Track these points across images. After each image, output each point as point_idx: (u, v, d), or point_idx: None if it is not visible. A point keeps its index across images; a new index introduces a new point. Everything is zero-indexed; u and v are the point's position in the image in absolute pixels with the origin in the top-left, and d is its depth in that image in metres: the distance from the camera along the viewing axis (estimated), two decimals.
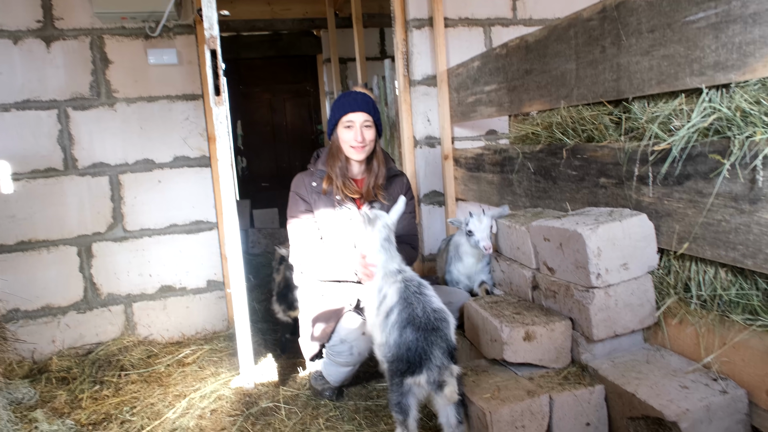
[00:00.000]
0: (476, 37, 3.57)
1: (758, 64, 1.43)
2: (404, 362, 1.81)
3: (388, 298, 1.96)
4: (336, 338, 2.35)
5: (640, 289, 1.87)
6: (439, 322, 1.84)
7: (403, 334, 1.82)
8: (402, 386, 1.82)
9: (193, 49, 3.33)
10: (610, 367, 1.84)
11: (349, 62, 6.57)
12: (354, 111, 2.37)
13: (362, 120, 2.38)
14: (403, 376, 1.81)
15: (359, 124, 2.38)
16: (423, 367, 1.77)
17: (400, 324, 1.85)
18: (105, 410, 2.56)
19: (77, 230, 3.28)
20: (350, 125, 2.39)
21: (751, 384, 1.57)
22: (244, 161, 7.48)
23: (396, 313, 1.89)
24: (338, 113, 2.41)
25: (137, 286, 3.39)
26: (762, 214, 1.45)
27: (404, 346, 1.81)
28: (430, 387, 1.78)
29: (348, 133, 2.39)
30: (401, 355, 1.81)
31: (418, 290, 1.93)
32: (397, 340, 1.83)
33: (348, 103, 2.39)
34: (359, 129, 2.38)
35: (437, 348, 1.78)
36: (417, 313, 1.84)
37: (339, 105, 2.42)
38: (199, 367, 2.99)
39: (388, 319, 1.91)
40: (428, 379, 1.77)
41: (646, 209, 1.87)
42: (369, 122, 2.41)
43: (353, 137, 2.38)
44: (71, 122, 3.21)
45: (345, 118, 2.39)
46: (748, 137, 1.45)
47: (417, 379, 1.78)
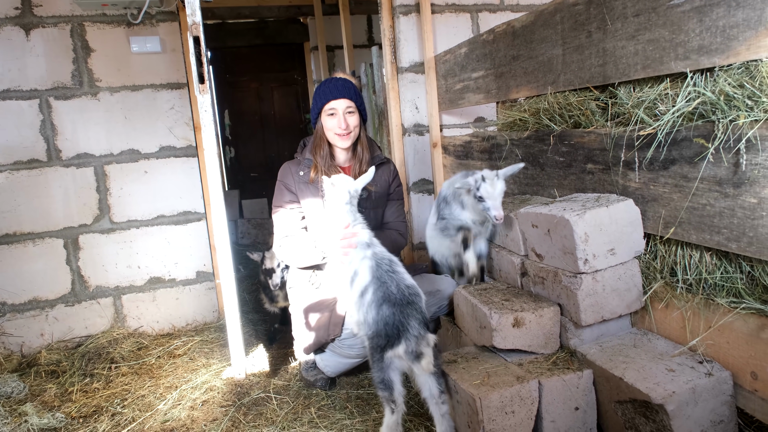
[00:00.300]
0: (463, 24, 3.55)
1: (741, 47, 1.43)
2: (383, 337, 1.89)
3: (361, 275, 2.00)
4: (347, 331, 2.34)
5: (627, 274, 1.88)
6: (413, 296, 1.93)
7: (380, 311, 1.90)
8: (383, 361, 1.90)
9: (176, 37, 3.28)
10: (598, 351, 1.86)
11: (336, 50, 6.51)
12: (336, 98, 2.36)
13: (345, 107, 2.37)
14: (383, 350, 1.89)
15: (342, 111, 2.37)
16: (401, 338, 1.86)
17: (377, 302, 1.92)
18: (95, 403, 2.55)
19: (63, 222, 3.24)
20: (333, 113, 2.37)
21: (735, 366, 1.59)
22: (232, 151, 7.41)
23: (371, 292, 1.95)
24: (320, 101, 2.39)
25: (126, 278, 3.37)
26: (745, 197, 1.46)
27: (382, 322, 1.89)
28: (409, 357, 1.87)
29: (331, 120, 2.38)
30: (380, 330, 1.90)
31: (390, 268, 1.99)
32: (375, 317, 1.91)
33: (329, 90, 2.37)
34: (342, 116, 2.37)
35: (413, 319, 1.88)
36: (392, 290, 1.92)
37: (321, 93, 2.40)
38: (189, 359, 2.98)
39: (363, 298, 1.97)
40: (407, 349, 1.86)
41: (633, 194, 1.87)
42: (352, 108, 2.39)
43: (337, 124, 2.37)
44: (54, 112, 3.16)
45: (327, 106, 2.38)
46: (732, 121, 1.45)
47: (396, 350, 1.87)
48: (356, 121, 2.42)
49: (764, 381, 1.51)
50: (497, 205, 2.10)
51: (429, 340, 1.89)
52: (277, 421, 2.25)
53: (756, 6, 1.37)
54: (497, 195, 2.11)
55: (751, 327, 1.52)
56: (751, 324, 1.52)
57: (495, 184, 2.11)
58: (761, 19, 1.37)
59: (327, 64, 6.38)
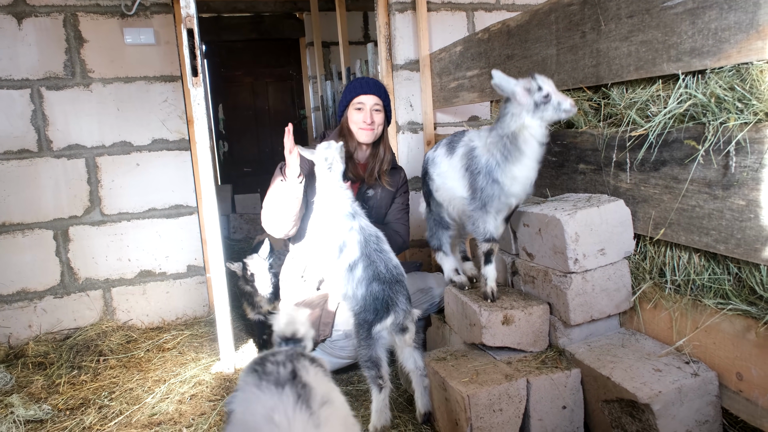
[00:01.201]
0: (459, 22, 3.55)
1: (733, 50, 1.44)
2: (371, 312, 2.00)
3: (349, 248, 2.07)
4: (339, 333, 2.35)
5: (616, 274, 1.89)
6: (400, 276, 2.06)
7: (370, 288, 2.01)
8: (370, 337, 2.00)
9: (171, 29, 3.26)
10: (587, 350, 1.87)
11: (332, 46, 6.49)
12: (365, 93, 2.43)
13: (372, 103, 2.44)
14: (371, 325, 1.99)
15: (369, 107, 2.43)
16: (390, 311, 1.99)
17: (367, 280, 2.02)
18: (83, 395, 2.54)
19: (53, 213, 3.21)
20: (361, 107, 2.43)
21: (721, 366, 1.60)
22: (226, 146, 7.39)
23: (361, 269, 2.04)
24: (349, 95, 2.46)
25: (116, 270, 3.35)
26: (734, 200, 1.47)
27: (371, 297, 2.01)
28: (395, 329, 1.99)
29: (358, 114, 2.44)
30: (368, 305, 2.01)
31: (377, 246, 2.08)
32: (365, 293, 2.02)
33: (360, 86, 2.45)
34: (369, 111, 2.43)
35: (401, 295, 2.01)
36: (381, 269, 2.03)
37: (351, 88, 2.48)
38: (179, 353, 2.97)
39: (353, 273, 2.05)
40: (394, 321, 1.99)
41: (624, 195, 1.88)
42: (379, 106, 2.46)
43: (362, 118, 2.42)
44: (45, 102, 3.13)
45: (356, 100, 2.44)
46: (722, 123, 1.46)
47: (385, 323, 1.99)
48: (381, 119, 2.48)
49: (749, 382, 1.52)
50: (563, 96, 1.77)
51: (414, 315, 2.04)
52: None
53: (747, 9, 1.38)
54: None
55: (738, 328, 1.53)
56: (738, 325, 1.53)
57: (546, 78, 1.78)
58: (752, 23, 1.38)
59: (322, 60, 6.36)
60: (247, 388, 1.21)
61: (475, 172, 1.91)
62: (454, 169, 2.02)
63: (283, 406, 1.11)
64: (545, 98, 1.72)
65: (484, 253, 2.00)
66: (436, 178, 2.15)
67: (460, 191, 2.01)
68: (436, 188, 2.17)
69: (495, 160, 1.85)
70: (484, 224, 1.94)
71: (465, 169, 1.96)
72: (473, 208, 1.95)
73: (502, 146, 1.83)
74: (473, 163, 1.92)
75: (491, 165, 1.86)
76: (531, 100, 1.74)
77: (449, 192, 2.08)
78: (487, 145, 1.88)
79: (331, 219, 2.13)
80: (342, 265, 2.08)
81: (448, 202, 2.14)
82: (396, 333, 2.00)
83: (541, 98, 1.72)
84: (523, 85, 1.75)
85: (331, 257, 2.12)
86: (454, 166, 2.02)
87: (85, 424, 2.28)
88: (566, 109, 1.72)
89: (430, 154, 2.21)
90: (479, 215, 1.94)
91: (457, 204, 2.08)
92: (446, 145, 2.10)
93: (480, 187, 1.89)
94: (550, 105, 1.72)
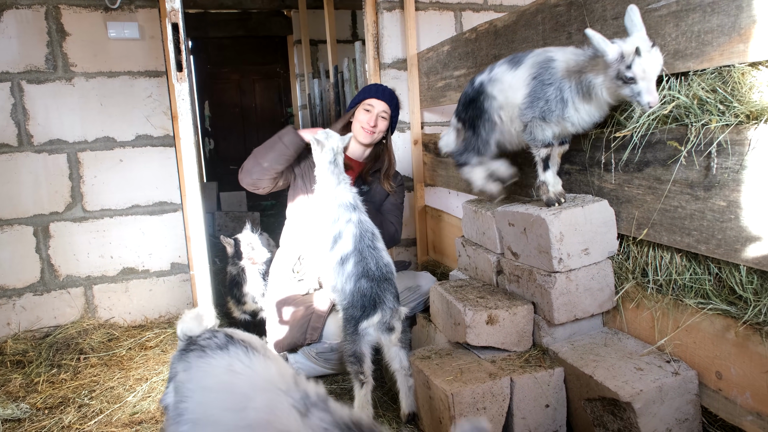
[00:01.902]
0: (447, 22, 3.56)
1: (715, 53, 1.46)
2: (359, 308, 2.03)
3: (344, 240, 2.09)
4: (326, 346, 2.35)
5: (600, 273, 1.91)
6: (389, 274, 2.10)
7: (358, 284, 2.05)
8: (356, 333, 2.03)
9: (156, 24, 3.22)
10: (570, 350, 1.88)
11: (320, 44, 6.47)
12: (378, 98, 2.51)
13: (381, 109, 2.51)
14: (358, 321, 2.03)
15: (377, 112, 2.51)
16: (377, 309, 2.03)
17: (356, 276, 2.06)
18: (62, 394, 2.49)
19: (33, 209, 3.15)
20: (369, 109, 2.51)
21: (701, 365, 1.62)
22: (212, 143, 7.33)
23: (352, 264, 2.07)
24: (363, 95, 2.55)
25: (98, 267, 3.30)
26: (715, 200, 1.49)
27: (359, 294, 2.05)
28: (381, 328, 2.04)
29: (365, 115, 2.51)
30: (355, 302, 2.04)
31: (371, 243, 2.11)
32: (353, 289, 2.06)
33: (375, 91, 2.54)
34: (375, 116, 2.51)
35: (389, 293, 2.06)
36: (371, 267, 2.07)
37: (367, 89, 2.56)
38: (161, 351, 2.94)
39: (344, 267, 2.08)
40: (381, 320, 2.03)
41: (608, 195, 1.90)
42: (386, 114, 2.54)
43: (367, 120, 2.49)
44: (26, 96, 3.07)
45: (367, 101, 2.52)
46: (704, 125, 1.48)
47: (372, 319, 2.02)
48: (384, 127, 2.56)
49: (728, 380, 1.54)
50: (653, 88, 1.51)
51: (401, 313, 2.07)
52: None
53: (730, 12, 1.40)
54: (653, 71, 1.51)
55: (717, 327, 1.55)
56: (717, 325, 1.55)
57: (653, 54, 1.51)
58: (734, 26, 1.40)
59: (310, 59, 6.34)
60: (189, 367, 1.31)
61: (546, 82, 1.77)
62: (519, 79, 1.86)
63: (237, 358, 1.26)
64: (629, 79, 1.52)
65: (542, 159, 1.90)
66: (498, 95, 1.96)
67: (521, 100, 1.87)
68: (498, 106, 1.98)
69: (569, 84, 1.73)
70: (543, 132, 1.83)
71: (533, 77, 1.81)
72: (532, 117, 1.82)
73: (577, 80, 1.70)
74: (546, 72, 1.77)
75: (564, 85, 1.73)
76: (615, 68, 1.55)
77: (514, 107, 1.92)
78: (568, 65, 1.73)
79: (330, 208, 2.15)
80: (334, 257, 2.11)
81: (510, 121, 1.97)
82: (382, 332, 2.03)
83: (624, 75, 1.53)
84: (620, 50, 1.52)
85: (325, 248, 2.14)
86: (519, 76, 1.86)
87: (64, 423, 2.24)
88: (641, 103, 1.53)
89: (483, 77, 2.01)
90: (537, 123, 1.82)
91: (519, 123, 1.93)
92: (507, 61, 1.94)
93: (546, 97, 1.77)
94: (629, 87, 1.54)
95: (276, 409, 1.15)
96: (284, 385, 1.21)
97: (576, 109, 1.74)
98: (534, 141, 1.88)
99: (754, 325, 1.45)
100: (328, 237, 2.13)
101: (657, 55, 1.50)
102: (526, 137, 1.91)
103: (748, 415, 1.48)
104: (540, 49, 1.84)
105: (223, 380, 1.25)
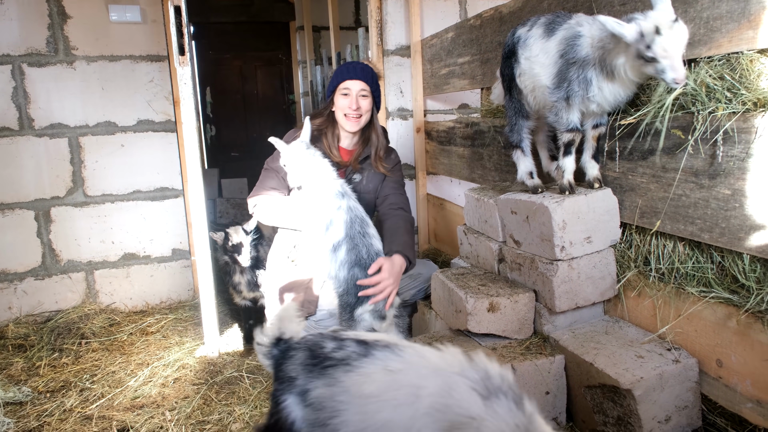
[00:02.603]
0: (451, 8, 3.52)
1: (724, 39, 1.44)
2: (353, 296, 2.08)
3: (335, 227, 2.13)
4: (323, 313, 2.36)
5: (602, 262, 1.90)
6: None
7: (351, 271, 2.09)
8: (353, 319, 2.09)
9: (158, 8, 3.19)
10: (571, 337, 1.88)
11: (323, 31, 6.42)
12: (352, 78, 2.36)
13: (359, 88, 2.37)
14: (354, 308, 2.08)
15: (355, 93, 2.37)
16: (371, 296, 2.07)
17: (349, 264, 2.10)
18: (64, 378, 2.51)
19: (34, 194, 3.15)
20: (347, 92, 2.37)
21: (702, 353, 1.63)
22: (213, 129, 7.30)
23: (344, 252, 2.11)
24: (336, 80, 2.41)
25: (99, 253, 3.30)
26: (720, 189, 1.48)
27: (352, 281, 2.09)
28: (373, 316, 2.10)
29: (344, 100, 2.38)
30: (350, 289, 2.09)
31: (362, 230, 2.14)
32: (346, 276, 2.10)
33: (347, 70, 2.39)
34: (355, 97, 2.37)
35: None
36: (362, 255, 2.11)
37: (338, 73, 2.42)
38: (163, 336, 2.95)
39: (336, 254, 2.12)
40: (375, 308, 2.09)
41: (611, 184, 1.89)
42: (366, 91, 2.39)
43: (348, 104, 2.36)
44: (27, 79, 3.06)
45: (342, 85, 2.38)
46: (711, 113, 1.47)
47: (366, 306, 2.08)
48: (368, 105, 2.41)
49: (729, 368, 1.54)
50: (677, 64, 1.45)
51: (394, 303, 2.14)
52: (249, 400, 2.24)
53: None
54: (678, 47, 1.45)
55: (719, 316, 1.55)
56: (719, 313, 1.55)
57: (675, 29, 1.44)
58: (744, 12, 1.38)
59: (312, 45, 6.29)
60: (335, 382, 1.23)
61: (570, 61, 1.70)
62: (547, 53, 1.79)
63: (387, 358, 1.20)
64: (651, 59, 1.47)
65: (564, 144, 1.86)
66: (523, 62, 1.90)
67: (545, 80, 1.81)
68: (520, 72, 1.94)
69: (593, 60, 1.66)
70: (568, 115, 1.79)
71: (560, 55, 1.74)
72: (557, 99, 1.78)
73: (601, 57, 1.63)
74: (572, 50, 1.70)
75: (588, 63, 1.67)
76: (635, 48, 1.50)
77: (534, 79, 1.87)
78: (593, 40, 1.65)
79: (320, 197, 2.15)
80: (327, 244, 2.13)
81: (530, 90, 1.94)
82: (374, 319, 2.10)
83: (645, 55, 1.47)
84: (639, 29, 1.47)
85: (318, 236, 2.16)
86: (548, 51, 1.79)
87: (66, 406, 2.26)
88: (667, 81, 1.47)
89: (521, 32, 1.91)
90: (562, 106, 1.78)
91: (539, 94, 1.90)
92: (545, 25, 1.83)
93: (570, 78, 1.72)
94: (652, 66, 1.48)
95: (453, 391, 1.06)
96: (457, 366, 1.12)
97: (600, 88, 1.68)
98: (559, 123, 1.84)
99: (756, 314, 1.45)
100: (320, 225, 2.15)
101: (680, 30, 1.44)
102: (551, 118, 1.86)
103: (748, 403, 1.49)
104: (573, 20, 1.73)
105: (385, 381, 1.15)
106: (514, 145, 2.11)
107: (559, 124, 1.84)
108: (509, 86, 2.03)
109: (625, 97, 1.70)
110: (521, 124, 2.06)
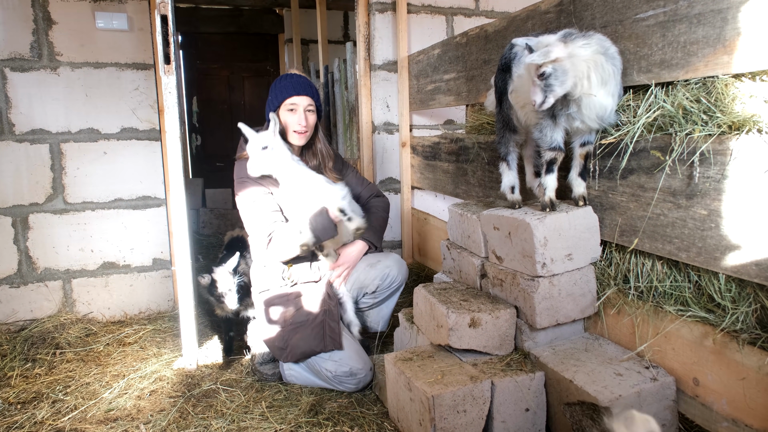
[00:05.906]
0: (438, 26, 3.57)
1: (700, 63, 1.48)
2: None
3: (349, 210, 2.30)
4: (344, 369, 2.29)
5: (582, 279, 1.92)
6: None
7: None
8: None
9: (145, 16, 3.19)
10: (551, 354, 1.89)
11: (311, 44, 6.46)
12: (298, 94, 2.36)
13: (306, 104, 2.37)
14: None
15: (303, 108, 2.37)
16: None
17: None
18: (36, 389, 2.44)
19: (12, 200, 3.09)
20: (293, 108, 2.36)
21: (679, 372, 1.64)
22: (199, 139, 7.25)
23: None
24: (281, 96, 2.37)
25: (77, 261, 3.25)
26: (697, 209, 1.51)
27: None
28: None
29: (291, 116, 2.37)
30: None
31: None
32: None
33: (292, 86, 2.36)
34: (303, 113, 2.37)
35: None
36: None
37: (281, 88, 2.38)
38: (140, 347, 2.89)
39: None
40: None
41: (592, 202, 1.92)
42: (312, 107, 2.40)
43: (297, 121, 2.36)
44: (8, 83, 3.02)
45: (288, 101, 2.36)
46: (688, 134, 1.50)
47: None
48: (314, 120, 2.43)
49: (705, 387, 1.56)
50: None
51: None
52: (227, 413, 2.20)
53: (715, 24, 1.42)
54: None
55: (696, 334, 1.57)
56: (696, 332, 1.57)
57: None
58: (719, 37, 1.42)
59: (301, 58, 6.32)
60: None
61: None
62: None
63: None
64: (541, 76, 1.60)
65: (546, 162, 1.89)
66: (516, 79, 1.93)
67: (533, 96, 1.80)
68: (512, 89, 1.97)
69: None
70: (552, 133, 1.83)
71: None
72: (543, 116, 1.83)
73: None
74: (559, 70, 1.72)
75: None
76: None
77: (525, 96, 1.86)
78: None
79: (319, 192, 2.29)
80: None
81: (520, 106, 1.97)
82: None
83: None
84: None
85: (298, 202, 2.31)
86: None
87: (37, 418, 2.20)
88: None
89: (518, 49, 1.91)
90: (548, 123, 1.83)
91: (528, 110, 1.92)
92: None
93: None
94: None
95: None
96: None
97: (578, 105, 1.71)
98: (542, 141, 1.86)
99: (732, 333, 1.47)
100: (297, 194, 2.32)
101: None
102: (535, 135, 1.89)
103: (724, 422, 1.50)
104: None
105: None
106: (501, 157, 2.15)
107: (543, 142, 1.86)
108: (500, 99, 2.07)
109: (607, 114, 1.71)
110: (508, 137, 2.10)
